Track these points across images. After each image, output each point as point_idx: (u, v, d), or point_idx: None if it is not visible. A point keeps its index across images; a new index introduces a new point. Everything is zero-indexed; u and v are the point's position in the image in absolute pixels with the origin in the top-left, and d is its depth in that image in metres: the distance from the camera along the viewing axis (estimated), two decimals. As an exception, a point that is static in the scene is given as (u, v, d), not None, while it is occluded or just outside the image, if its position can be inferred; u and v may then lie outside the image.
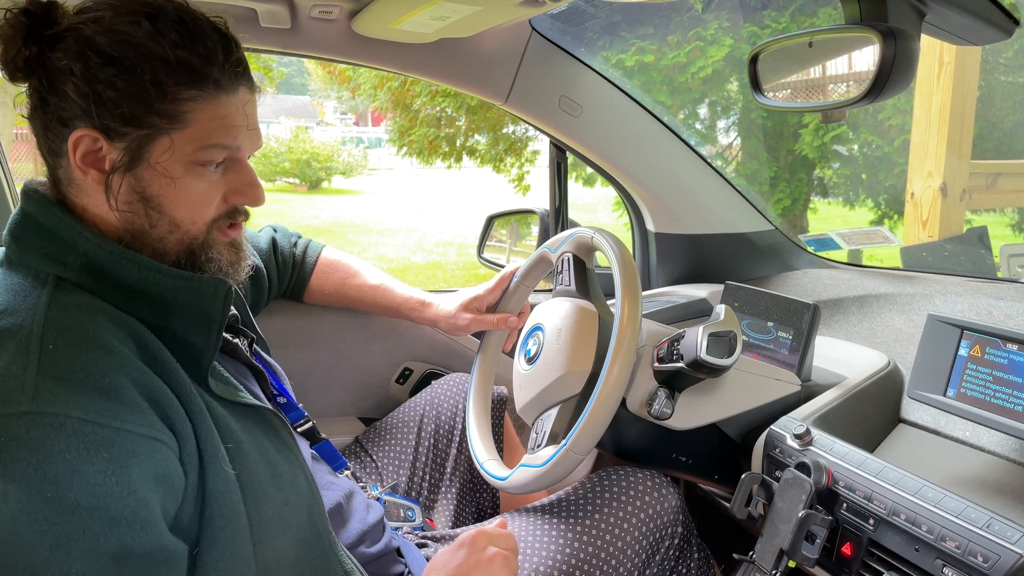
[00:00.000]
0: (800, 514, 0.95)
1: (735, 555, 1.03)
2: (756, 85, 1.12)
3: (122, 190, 0.79)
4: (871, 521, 0.92)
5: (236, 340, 1.01)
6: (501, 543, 0.93)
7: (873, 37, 0.89)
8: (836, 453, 1.00)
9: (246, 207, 0.89)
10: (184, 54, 0.77)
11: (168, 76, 0.76)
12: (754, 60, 1.11)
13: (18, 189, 1.56)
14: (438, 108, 6.86)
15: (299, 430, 1.12)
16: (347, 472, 1.18)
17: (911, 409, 1.21)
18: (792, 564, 0.97)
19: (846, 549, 0.96)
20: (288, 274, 1.41)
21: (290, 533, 0.85)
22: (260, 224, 1.40)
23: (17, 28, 0.76)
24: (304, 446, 1.09)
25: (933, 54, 3.59)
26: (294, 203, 12.60)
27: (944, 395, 1.06)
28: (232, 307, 1.03)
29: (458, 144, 7.20)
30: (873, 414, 1.19)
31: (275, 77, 8.86)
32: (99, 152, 0.78)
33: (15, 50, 0.77)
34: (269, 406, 0.90)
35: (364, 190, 15.14)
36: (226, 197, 0.85)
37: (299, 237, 1.45)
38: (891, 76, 0.88)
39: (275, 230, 1.41)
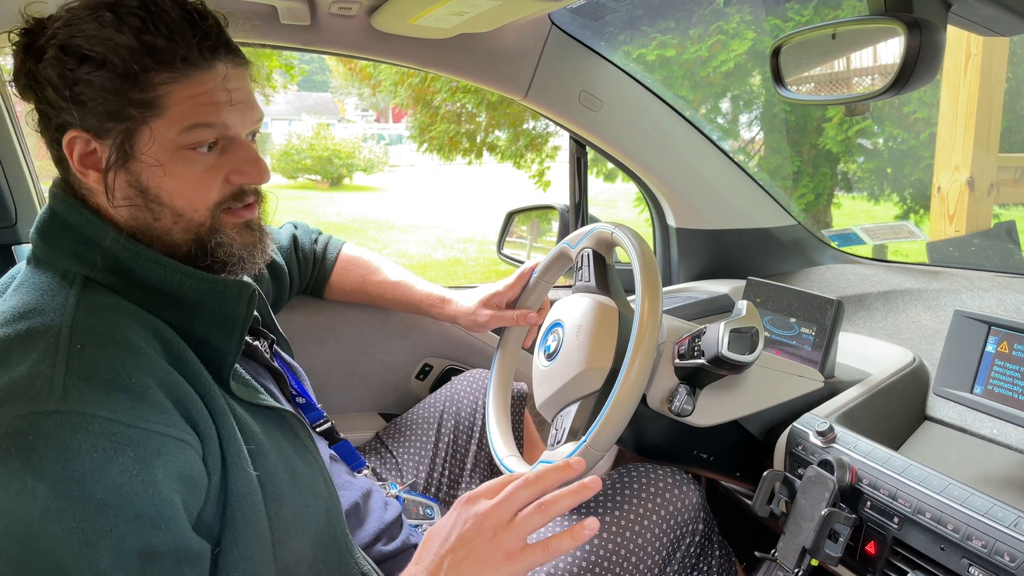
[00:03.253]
0: (823, 512, 0.94)
1: (757, 553, 1.03)
2: (778, 78, 1.10)
3: (120, 187, 0.80)
4: (896, 520, 0.91)
5: (256, 343, 1.01)
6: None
7: (898, 28, 0.87)
8: (860, 451, 0.99)
9: (254, 186, 0.87)
10: (149, 38, 0.76)
11: (136, 63, 0.75)
12: (776, 53, 1.09)
13: (43, 187, 1.58)
14: (458, 104, 6.86)
15: (318, 430, 1.13)
16: (366, 471, 1.19)
17: (937, 406, 1.20)
18: (815, 563, 0.96)
19: (870, 548, 0.95)
20: (309, 271, 1.42)
21: (308, 535, 0.85)
22: (281, 221, 1.41)
23: (18, 47, 0.79)
24: (323, 446, 1.09)
25: (960, 45, 3.52)
26: (316, 200, 12.69)
27: (971, 392, 1.04)
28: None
29: (478, 140, 7.20)
30: (898, 411, 1.17)
31: (296, 74, 8.93)
32: (94, 152, 0.79)
33: (17, 69, 0.79)
34: (288, 408, 0.90)
35: (385, 187, 15.21)
36: (228, 178, 0.83)
37: (320, 234, 1.46)
38: (916, 68, 0.87)
39: (296, 227, 1.42)
